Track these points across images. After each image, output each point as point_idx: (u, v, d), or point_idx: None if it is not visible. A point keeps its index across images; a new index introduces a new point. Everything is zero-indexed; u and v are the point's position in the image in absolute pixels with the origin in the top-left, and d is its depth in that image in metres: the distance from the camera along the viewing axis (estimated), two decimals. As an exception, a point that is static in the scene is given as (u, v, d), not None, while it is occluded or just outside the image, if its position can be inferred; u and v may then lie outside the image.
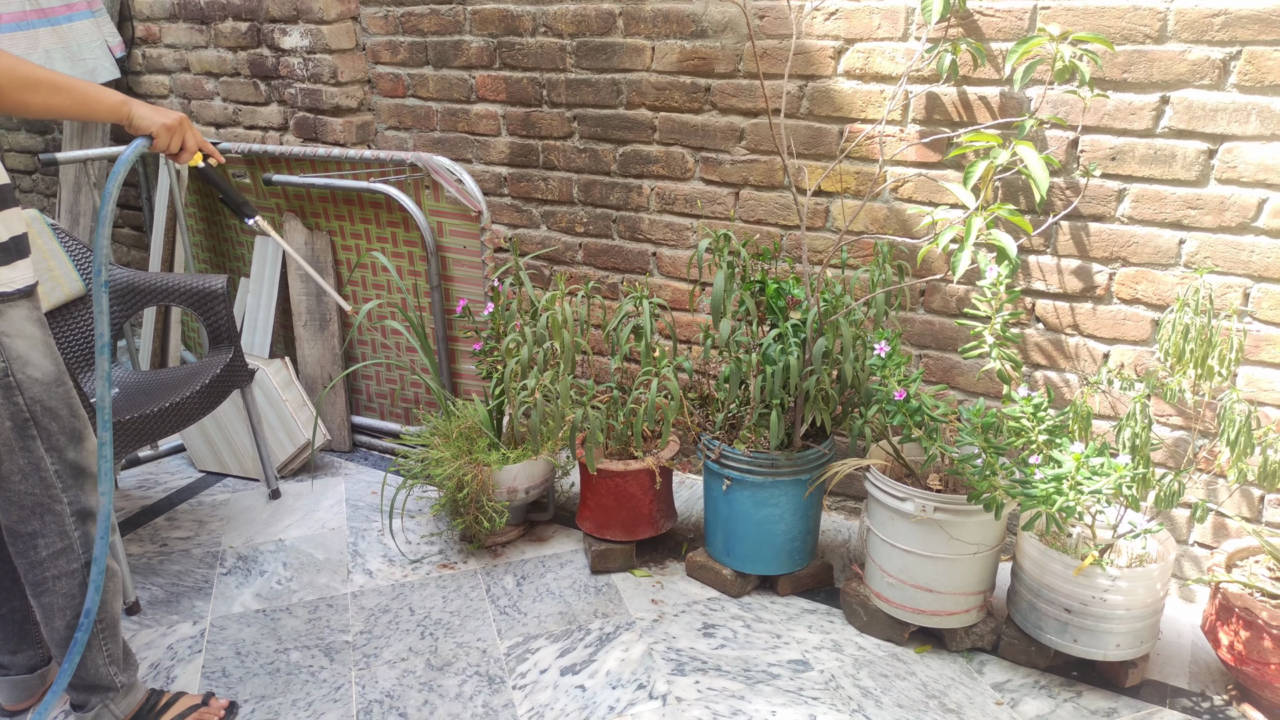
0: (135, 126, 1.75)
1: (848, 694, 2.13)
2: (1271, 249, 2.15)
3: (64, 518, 1.78)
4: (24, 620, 2.00)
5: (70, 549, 1.79)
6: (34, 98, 1.57)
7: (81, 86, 1.65)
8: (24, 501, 1.74)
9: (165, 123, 1.78)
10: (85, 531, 1.81)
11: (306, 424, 3.12)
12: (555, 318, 2.48)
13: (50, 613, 1.82)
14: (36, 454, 1.72)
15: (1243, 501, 2.33)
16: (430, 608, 2.46)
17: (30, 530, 1.77)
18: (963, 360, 2.57)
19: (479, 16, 2.99)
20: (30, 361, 1.70)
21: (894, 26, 2.41)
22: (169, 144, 1.80)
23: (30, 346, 1.70)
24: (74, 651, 1.64)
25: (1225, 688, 2.15)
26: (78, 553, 1.80)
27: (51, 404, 1.72)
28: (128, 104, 1.73)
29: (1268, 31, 2.03)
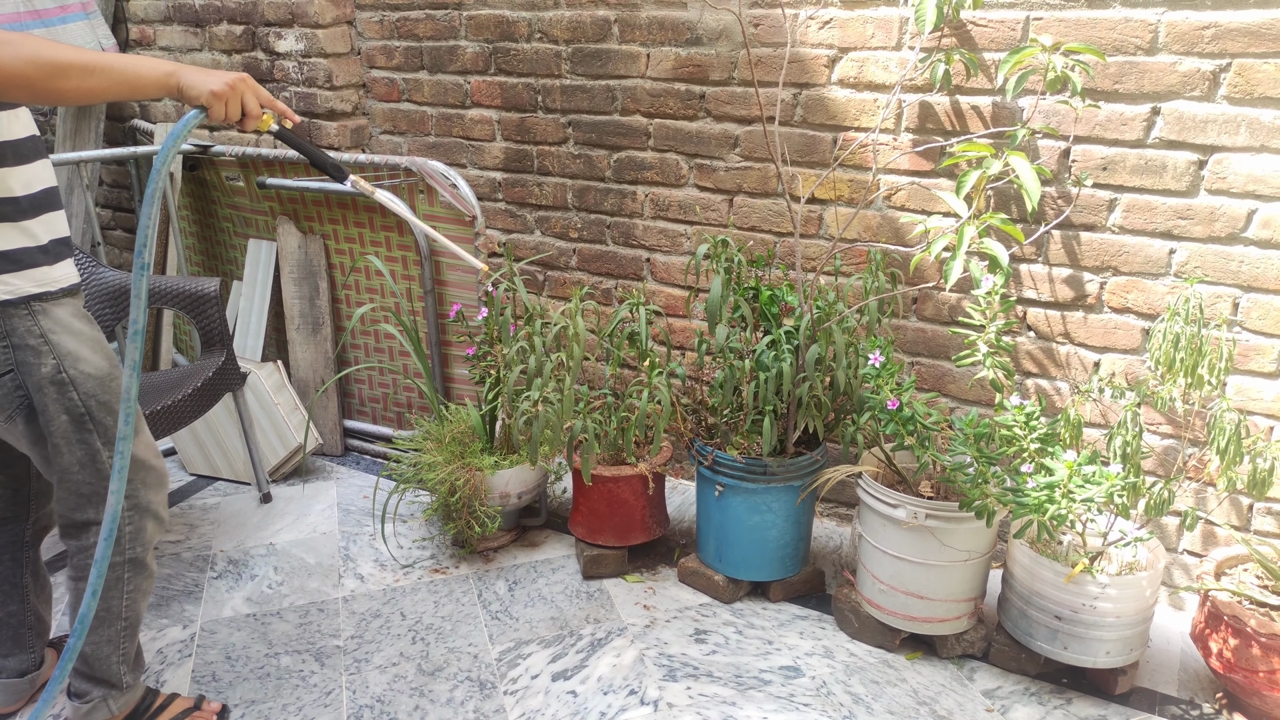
0: (186, 98, 1.53)
1: (839, 700, 2.13)
2: (1261, 259, 2.17)
3: None
4: (19, 625, 1.99)
5: (119, 541, 1.80)
6: (66, 84, 1.42)
7: (119, 64, 1.47)
8: (82, 490, 1.76)
9: (215, 89, 1.51)
10: (137, 527, 1.82)
11: (298, 428, 3.11)
12: (570, 331, 2.46)
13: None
14: (94, 447, 1.73)
15: (1232, 510, 2.34)
16: (422, 612, 2.46)
17: (85, 519, 1.78)
18: (955, 368, 2.58)
19: (474, 22, 3.00)
20: (81, 357, 1.71)
21: (888, 36, 2.43)
22: (225, 112, 1.55)
23: (80, 343, 1.71)
24: (66, 657, 1.63)
25: (1214, 695, 2.16)
26: (124, 546, 1.81)
27: (106, 399, 1.73)
28: (175, 74, 1.50)
29: (1257, 44, 2.05)
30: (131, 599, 1.86)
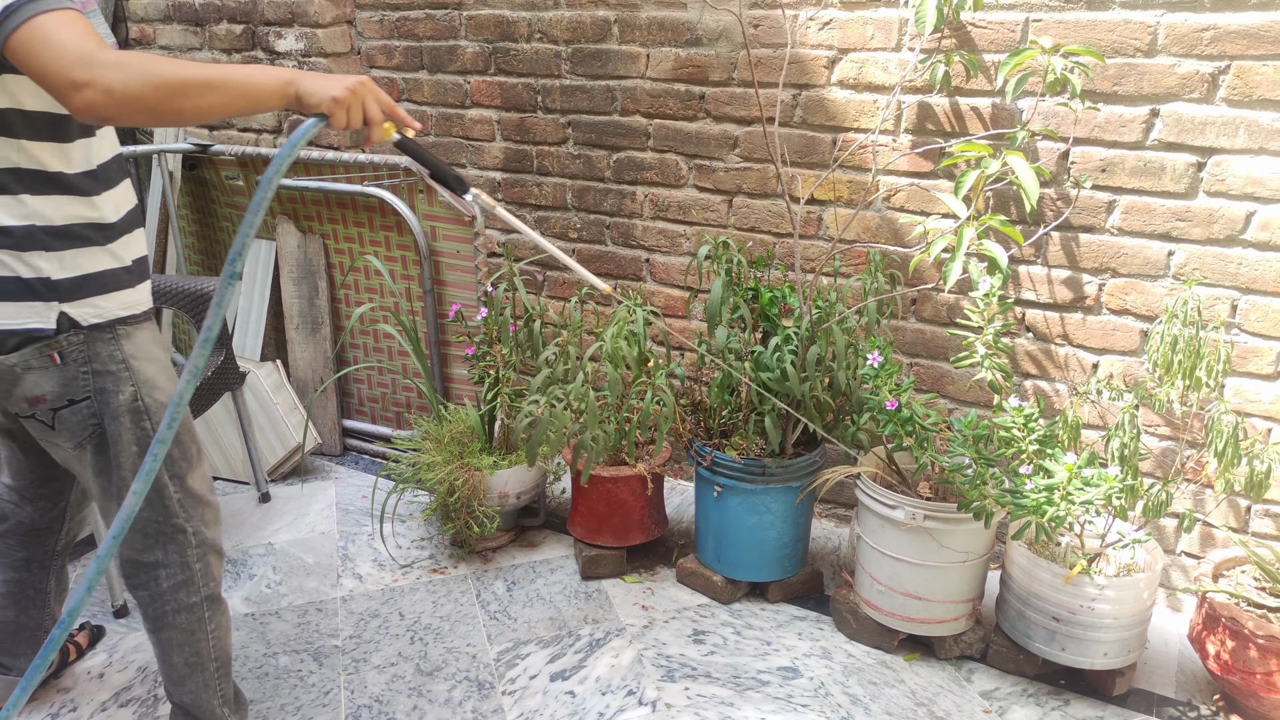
0: (305, 106, 1.42)
1: (837, 701, 2.13)
2: (1259, 261, 2.17)
3: (186, 548, 1.74)
4: (37, 629, 1.98)
5: (191, 581, 1.76)
6: (185, 103, 1.34)
7: (235, 76, 1.37)
8: (147, 529, 1.70)
9: (337, 94, 1.40)
10: (206, 564, 1.77)
11: (297, 427, 3.11)
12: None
13: (169, 648, 1.78)
14: (159, 480, 1.68)
15: (1230, 512, 2.35)
16: (420, 612, 2.46)
17: (153, 560, 1.73)
18: (954, 369, 2.58)
19: (474, 22, 3.00)
20: (158, 385, 1.67)
21: (887, 37, 2.43)
22: (347, 119, 1.43)
23: (157, 370, 1.68)
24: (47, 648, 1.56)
25: (1212, 697, 2.16)
26: (198, 585, 1.77)
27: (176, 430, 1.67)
28: (294, 81, 1.41)
29: (1256, 46, 2.05)
30: (216, 638, 1.82)
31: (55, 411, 1.61)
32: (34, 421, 1.63)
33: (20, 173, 1.50)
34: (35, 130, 1.49)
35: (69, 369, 1.59)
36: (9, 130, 1.47)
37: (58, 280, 1.54)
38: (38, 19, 1.31)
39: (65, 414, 1.61)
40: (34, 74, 1.33)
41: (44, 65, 1.31)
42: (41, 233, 1.52)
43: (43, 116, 1.50)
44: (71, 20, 1.34)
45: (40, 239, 1.52)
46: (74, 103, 1.31)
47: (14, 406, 1.62)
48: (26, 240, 1.51)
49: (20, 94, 1.46)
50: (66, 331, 1.56)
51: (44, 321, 1.55)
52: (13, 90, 1.46)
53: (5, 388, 1.59)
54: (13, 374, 1.57)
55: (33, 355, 1.56)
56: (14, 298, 1.53)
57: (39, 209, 1.52)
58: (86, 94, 1.29)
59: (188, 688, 1.81)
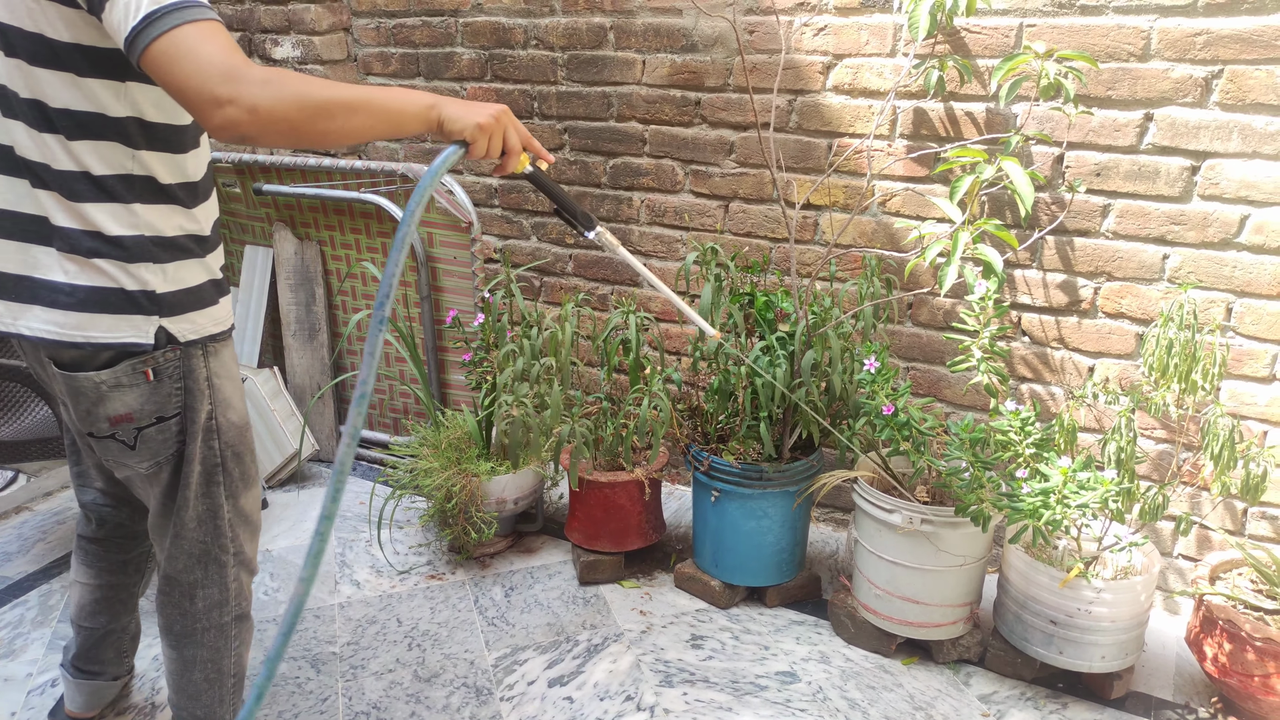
0: (446, 132, 1.37)
1: (835, 705, 2.13)
2: (1254, 264, 2.18)
3: (227, 568, 1.70)
4: (121, 632, 1.97)
5: (226, 601, 1.72)
6: (330, 125, 1.27)
7: (379, 99, 1.32)
8: (193, 550, 1.66)
9: (481, 122, 1.36)
10: (240, 584, 1.75)
11: (294, 434, 3.11)
12: (555, 335, 2.47)
13: (191, 664, 1.74)
14: (216, 502, 1.64)
15: (1226, 514, 2.35)
16: (418, 619, 2.45)
17: (192, 580, 1.68)
18: (950, 373, 2.59)
19: (470, 29, 3.01)
20: (232, 405, 1.63)
21: (882, 43, 2.44)
22: (487, 148, 1.40)
23: (234, 390, 1.64)
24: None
25: (1209, 700, 2.16)
26: (231, 605, 1.73)
27: (239, 449, 1.66)
28: (436, 106, 1.36)
29: (1249, 51, 2.06)
30: (238, 654, 1.79)
31: (140, 430, 1.54)
32: (112, 442, 1.55)
33: (133, 180, 1.44)
34: (152, 140, 1.44)
35: (163, 386, 1.52)
36: (127, 139, 1.41)
37: (162, 294, 1.48)
38: (181, 29, 1.23)
39: (150, 433, 1.54)
40: (172, 87, 1.24)
41: (185, 79, 1.23)
42: (151, 244, 1.47)
43: (164, 128, 1.45)
44: (215, 32, 1.26)
45: (150, 250, 1.46)
46: (214, 120, 1.22)
47: (91, 426, 1.53)
48: (137, 251, 1.45)
49: (143, 104, 1.41)
50: (164, 347, 1.50)
51: (143, 336, 1.48)
52: (136, 99, 1.40)
53: (87, 406, 1.50)
54: (98, 391, 1.49)
55: (125, 371, 1.49)
56: (114, 310, 1.45)
57: (150, 219, 1.46)
58: (229, 111, 1.21)
59: (202, 702, 1.78)
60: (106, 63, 1.36)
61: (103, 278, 1.44)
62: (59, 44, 1.34)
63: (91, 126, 1.39)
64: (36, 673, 2.22)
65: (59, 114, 1.37)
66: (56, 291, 1.44)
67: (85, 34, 1.33)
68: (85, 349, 1.46)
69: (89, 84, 1.37)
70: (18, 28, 1.34)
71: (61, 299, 1.44)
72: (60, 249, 1.43)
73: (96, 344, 1.46)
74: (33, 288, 1.45)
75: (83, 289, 1.44)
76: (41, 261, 1.44)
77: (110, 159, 1.41)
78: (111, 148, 1.41)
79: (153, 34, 1.22)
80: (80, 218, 1.42)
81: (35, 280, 1.45)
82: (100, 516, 1.87)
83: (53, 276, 1.44)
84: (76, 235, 1.42)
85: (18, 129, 1.40)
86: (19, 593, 2.52)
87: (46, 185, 1.41)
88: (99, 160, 1.40)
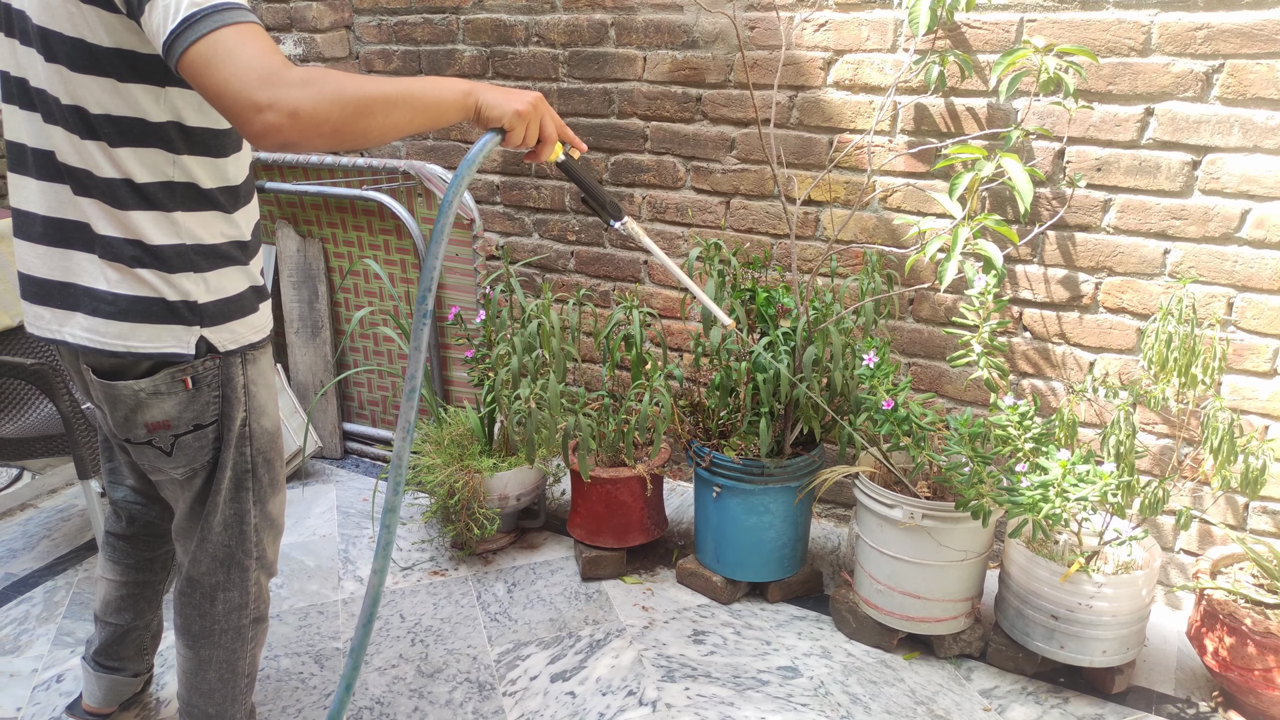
0: (484, 119, 1.34)
1: (836, 700, 2.14)
2: (1254, 259, 2.18)
3: (249, 571, 1.69)
4: (144, 630, 1.97)
5: (246, 604, 1.71)
6: (370, 123, 1.22)
7: (417, 90, 1.28)
8: (218, 554, 1.65)
9: (519, 109, 1.34)
10: (260, 587, 1.73)
11: (298, 431, 3.12)
12: (545, 326, 2.49)
13: (206, 664, 1.74)
14: (244, 507, 1.63)
15: (1227, 509, 2.35)
16: (421, 614, 2.46)
17: (214, 583, 1.67)
18: (951, 368, 2.59)
19: (472, 26, 3.01)
20: (266, 412, 1.62)
21: (883, 38, 2.44)
22: (524, 136, 1.37)
23: (269, 397, 1.63)
24: None
25: (1210, 694, 2.16)
26: (251, 608, 1.72)
27: (270, 455, 1.65)
28: (473, 92, 1.33)
29: (1249, 45, 2.06)
30: (253, 654, 1.79)
31: (177, 438, 1.53)
32: (148, 448, 1.54)
33: (174, 187, 1.42)
34: (192, 145, 1.42)
35: (201, 394, 1.51)
36: (167, 144, 1.39)
37: (203, 304, 1.47)
38: (220, 33, 1.19)
39: (187, 440, 1.53)
40: (210, 93, 1.20)
41: (224, 84, 1.18)
42: (192, 253, 1.45)
43: (204, 132, 1.42)
44: (255, 35, 1.21)
45: (191, 260, 1.45)
46: (254, 126, 1.17)
47: (129, 433, 1.52)
48: (177, 261, 1.43)
49: (184, 109, 1.39)
50: (203, 356, 1.49)
51: (183, 347, 1.46)
52: (176, 104, 1.38)
53: (125, 413, 1.49)
54: (137, 399, 1.48)
55: (164, 380, 1.47)
56: (155, 320, 1.44)
57: (191, 227, 1.44)
58: (269, 116, 1.16)
59: (215, 700, 1.78)
60: (147, 67, 1.34)
61: (144, 287, 1.43)
62: (99, 49, 1.32)
63: (133, 132, 1.37)
64: (42, 668, 2.23)
65: (100, 120, 1.36)
66: (99, 300, 1.43)
67: (125, 39, 1.31)
68: (125, 358, 1.45)
69: (129, 89, 1.35)
70: (58, 32, 1.32)
71: (104, 307, 1.43)
72: (102, 256, 1.42)
73: (137, 354, 1.45)
74: (76, 295, 1.44)
75: (125, 298, 1.43)
76: (85, 269, 1.43)
77: (152, 165, 1.39)
78: (153, 154, 1.39)
79: (191, 38, 1.18)
80: (122, 225, 1.40)
81: (78, 287, 1.44)
82: (130, 514, 1.88)
83: (95, 284, 1.43)
84: (119, 243, 1.41)
85: (58, 135, 1.38)
86: (25, 589, 2.54)
87: (89, 192, 1.40)
88: (141, 167, 1.38)
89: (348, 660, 1.45)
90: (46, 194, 1.43)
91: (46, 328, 1.48)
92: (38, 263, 1.46)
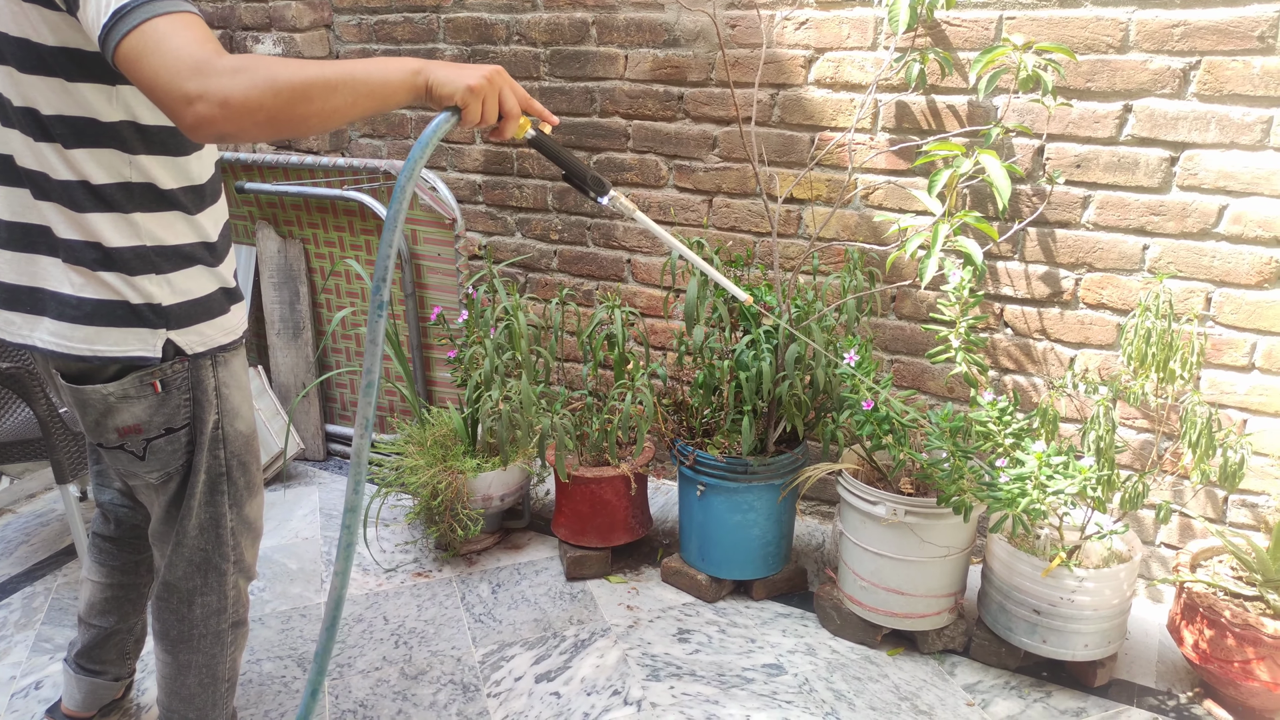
0: (436, 98, 1.24)
1: (821, 697, 2.14)
2: (1232, 254, 2.20)
3: (227, 575, 1.68)
4: (127, 633, 1.95)
5: (224, 609, 1.70)
6: (309, 109, 1.16)
7: (360, 72, 1.19)
8: (194, 558, 1.63)
9: (472, 83, 1.23)
10: (239, 591, 1.72)
11: (279, 433, 3.10)
12: (514, 328, 2.48)
13: (186, 669, 1.72)
14: (220, 510, 1.62)
15: (1207, 502, 2.37)
16: (404, 616, 2.45)
17: (191, 587, 1.66)
18: (933, 365, 2.60)
19: (453, 25, 3.00)
20: (240, 414, 1.61)
21: (863, 36, 2.44)
22: (482, 113, 1.26)
23: (242, 399, 1.61)
24: None
25: (1191, 686, 2.18)
26: (229, 612, 1.71)
27: (246, 458, 1.63)
28: (422, 71, 1.23)
29: (1225, 42, 2.08)
30: (233, 659, 1.78)
31: (149, 442, 1.51)
32: (121, 453, 1.53)
33: (131, 188, 1.39)
34: (150, 144, 1.40)
35: (171, 398, 1.50)
36: (122, 144, 1.37)
37: (168, 307, 1.45)
38: (151, 23, 1.14)
39: (159, 444, 1.52)
40: (143, 86, 1.16)
41: (154, 76, 1.14)
42: (153, 254, 1.43)
43: (161, 130, 1.40)
44: (188, 24, 1.16)
45: (153, 262, 1.43)
46: (186, 118, 1.13)
47: (100, 437, 1.52)
48: (138, 263, 1.41)
49: (137, 107, 1.37)
50: (171, 359, 1.48)
51: (149, 350, 1.45)
52: (129, 103, 1.36)
53: (95, 417, 1.49)
54: (106, 403, 1.47)
55: (132, 384, 1.46)
56: (120, 323, 1.43)
57: (151, 228, 1.42)
58: (200, 107, 1.11)
59: (195, 705, 1.77)
60: (94, 66, 1.32)
61: (107, 290, 1.42)
62: (45, 48, 1.30)
63: (86, 133, 1.35)
64: (20, 675, 2.21)
65: (53, 121, 1.34)
66: (64, 304, 1.42)
67: (70, 37, 1.29)
68: (92, 362, 1.44)
69: (79, 89, 1.33)
70: (3, 33, 1.31)
71: (69, 311, 1.42)
72: (65, 260, 1.41)
73: (104, 358, 1.43)
74: (42, 299, 1.43)
75: (90, 302, 1.42)
76: (50, 273, 1.42)
77: (108, 166, 1.38)
78: (109, 154, 1.37)
79: (123, 30, 1.15)
80: (81, 228, 1.39)
81: (45, 292, 1.43)
82: (117, 517, 1.87)
83: (61, 289, 1.42)
84: (79, 247, 1.40)
85: (15, 138, 1.37)
86: (3, 595, 2.51)
87: (47, 195, 1.38)
88: (97, 168, 1.37)
89: (313, 665, 1.44)
90: (8, 198, 1.41)
91: (17, 333, 1.47)
92: (5, 268, 1.45)
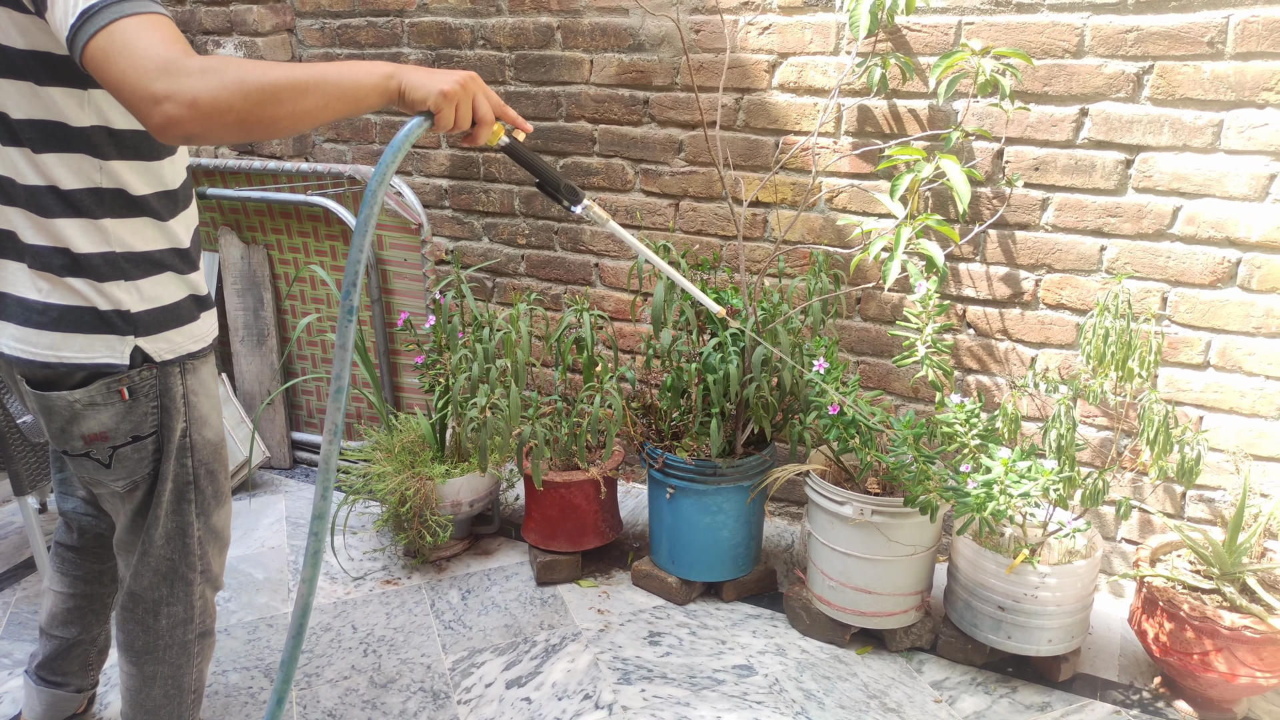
0: (408, 103, 1.25)
1: (791, 697, 2.16)
2: (1186, 254, 2.24)
3: (193, 585, 1.65)
4: (90, 644, 1.92)
5: (190, 619, 1.68)
6: (278, 110, 1.15)
7: (330, 74, 1.19)
8: (160, 567, 1.61)
9: (445, 88, 1.24)
10: (206, 601, 1.69)
11: (244, 441, 3.07)
12: (509, 337, 2.46)
13: (151, 681, 1.70)
14: (186, 520, 1.60)
15: (1166, 498, 2.42)
16: (373, 625, 2.43)
17: (156, 597, 1.64)
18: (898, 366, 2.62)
19: (417, 30, 2.98)
20: (208, 422, 1.59)
21: (825, 41, 2.47)
22: (455, 119, 1.27)
23: (210, 406, 1.59)
24: None
25: (1153, 678, 2.22)
26: (196, 623, 1.69)
27: (213, 466, 1.62)
28: (395, 75, 1.23)
29: (1177, 47, 2.12)
30: (199, 670, 1.75)
31: (115, 449, 1.49)
32: (86, 460, 1.51)
33: (102, 194, 1.38)
34: (122, 149, 1.38)
35: (139, 405, 1.48)
36: (93, 150, 1.36)
37: (136, 314, 1.44)
38: (118, 24, 1.13)
39: (126, 452, 1.50)
40: (111, 87, 1.14)
41: (121, 77, 1.12)
42: (123, 260, 1.41)
43: (133, 135, 1.39)
44: (155, 24, 1.15)
45: (122, 268, 1.41)
46: (154, 119, 1.11)
47: (65, 444, 1.49)
48: (107, 269, 1.40)
49: (109, 112, 1.35)
50: (139, 366, 1.46)
51: (117, 357, 1.43)
52: (101, 107, 1.34)
53: (61, 424, 1.46)
54: (72, 410, 1.44)
55: (100, 391, 1.44)
56: (87, 329, 1.41)
57: (121, 235, 1.40)
58: (168, 108, 1.10)
59: (159, 717, 1.74)
60: (65, 70, 1.30)
61: (75, 296, 1.40)
62: (14, 52, 1.28)
63: (56, 137, 1.33)
64: (-22, 692, 2.17)
65: (22, 125, 1.32)
66: (30, 310, 1.40)
67: (40, 40, 1.27)
68: (58, 369, 1.42)
69: (49, 93, 1.31)
70: None
71: (35, 317, 1.40)
72: (31, 265, 1.39)
73: (70, 364, 1.41)
74: (8, 305, 1.41)
75: (56, 307, 1.40)
76: (16, 278, 1.40)
77: (78, 171, 1.36)
78: (79, 159, 1.36)
79: (90, 31, 1.14)
80: (49, 234, 1.37)
81: (10, 297, 1.41)
82: (81, 526, 1.84)
83: (27, 294, 1.40)
84: (46, 252, 1.38)
85: None
86: (-41, 611, 2.46)
87: (13, 200, 1.37)
88: (67, 173, 1.35)
89: (279, 673, 1.42)
90: None
91: None
92: None
